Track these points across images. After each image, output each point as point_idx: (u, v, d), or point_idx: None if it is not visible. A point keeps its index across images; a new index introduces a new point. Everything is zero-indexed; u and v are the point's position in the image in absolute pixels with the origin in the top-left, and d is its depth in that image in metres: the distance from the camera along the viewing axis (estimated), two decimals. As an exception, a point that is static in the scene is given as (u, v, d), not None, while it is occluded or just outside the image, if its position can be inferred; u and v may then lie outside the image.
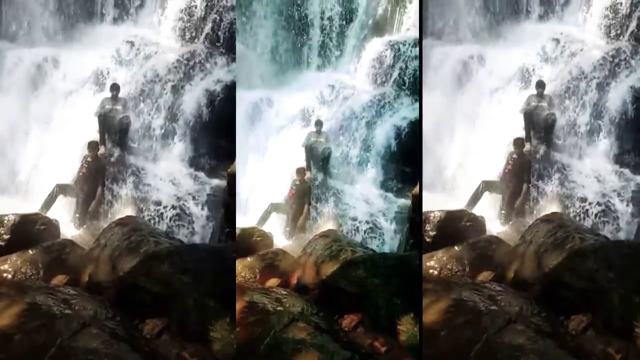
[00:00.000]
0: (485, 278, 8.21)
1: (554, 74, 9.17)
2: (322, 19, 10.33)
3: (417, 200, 8.36)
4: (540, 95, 9.07)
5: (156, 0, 9.36)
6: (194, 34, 9.23)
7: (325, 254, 8.50)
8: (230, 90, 8.87)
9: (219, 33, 9.15)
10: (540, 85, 9.06)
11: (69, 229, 8.62)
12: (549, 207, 8.80)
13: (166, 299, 7.77)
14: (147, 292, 7.80)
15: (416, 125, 9.04)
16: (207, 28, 9.17)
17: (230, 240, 8.26)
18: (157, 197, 8.75)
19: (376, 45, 10.05)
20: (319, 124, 9.61)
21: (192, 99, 9.01)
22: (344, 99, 9.83)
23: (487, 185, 8.87)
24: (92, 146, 8.80)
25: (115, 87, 8.98)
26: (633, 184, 8.78)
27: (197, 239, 8.54)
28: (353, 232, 9.15)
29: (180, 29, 9.28)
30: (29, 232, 8.35)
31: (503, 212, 8.86)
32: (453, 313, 7.83)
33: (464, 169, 8.99)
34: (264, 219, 9.22)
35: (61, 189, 8.73)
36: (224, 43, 9.11)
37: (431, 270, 8.23)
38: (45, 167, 8.94)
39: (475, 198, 8.83)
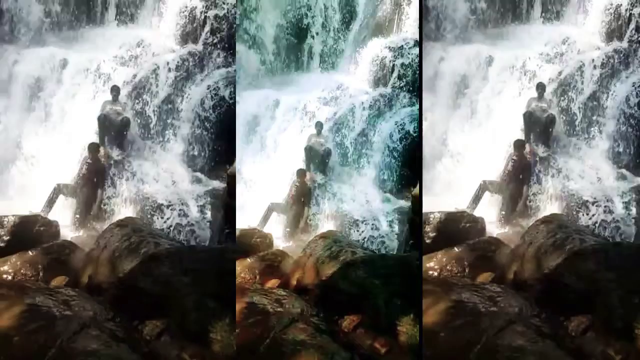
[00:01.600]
0: (485, 279, 8.21)
1: (554, 74, 9.17)
2: (322, 19, 10.34)
3: (417, 201, 8.37)
4: (540, 97, 9.07)
5: (156, 1, 9.36)
6: (194, 35, 9.23)
7: (325, 255, 8.50)
8: (230, 91, 8.88)
9: (219, 33, 9.15)
10: (541, 86, 9.06)
11: (69, 230, 8.63)
12: (549, 208, 8.80)
13: (166, 300, 7.77)
14: (147, 293, 7.79)
15: (416, 126, 9.05)
16: (207, 28, 9.18)
17: (230, 241, 8.27)
18: (157, 198, 8.75)
19: (376, 46, 10.05)
20: (319, 124, 9.61)
21: (192, 99, 9.02)
22: (344, 99, 9.83)
23: (487, 185, 8.87)
24: (92, 148, 8.80)
25: (115, 89, 8.98)
26: (633, 185, 8.79)
27: (197, 240, 8.54)
28: (353, 233, 9.15)
29: (180, 29, 9.29)
30: (29, 233, 8.34)
31: (503, 213, 8.86)
32: (453, 314, 7.83)
33: (464, 170, 8.99)
34: (265, 219, 9.21)
35: (62, 188, 8.74)
36: (224, 44, 9.12)
37: (431, 272, 8.23)
38: (45, 168, 8.94)
39: (476, 198, 8.83)
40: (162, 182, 8.87)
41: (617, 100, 9.02)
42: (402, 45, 9.91)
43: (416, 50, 9.40)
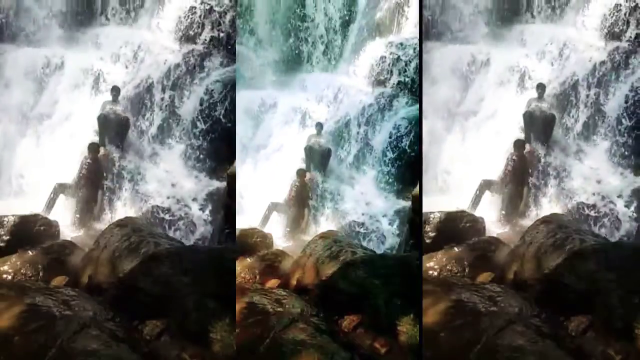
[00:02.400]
0: (485, 279, 8.21)
1: (554, 75, 9.18)
2: (322, 20, 10.34)
3: (417, 201, 8.36)
4: (540, 97, 9.08)
5: (156, 1, 9.37)
6: (193, 35, 9.24)
7: (325, 255, 8.49)
8: (230, 91, 8.87)
9: (219, 34, 9.16)
10: (541, 86, 9.07)
11: (69, 230, 8.63)
12: (549, 208, 8.80)
13: (166, 300, 7.76)
14: (147, 293, 7.78)
15: (416, 126, 9.05)
16: (207, 29, 9.18)
17: (230, 241, 8.26)
18: (156, 198, 8.75)
19: (376, 46, 10.06)
20: (319, 125, 9.62)
21: (192, 99, 9.02)
22: (344, 99, 9.84)
23: (487, 184, 8.87)
24: (92, 148, 8.81)
25: (115, 89, 8.98)
26: (633, 185, 8.78)
27: (197, 240, 8.54)
28: (353, 233, 9.15)
29: (180, 29, 9.29)
30: (29, 233, 8.34)
31: (503, 212, 8.87)
32: (453, 314, 7.82)
33: (464, 170, 8.99)
34: (265, 219, 9.21)
35: (62, 188, 8.74)
36: (224, 44, 9.12)
37: (431, 271, 8.22)
38: (45, 169, 8.94)
39: (477, 198, 8.84)
40: (162, 181, 8.87)
41: (617, 100, 9.02)
42: (403, 45, 9.92)
43: (416, 50, 9.41)
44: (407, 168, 9.31)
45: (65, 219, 8.68)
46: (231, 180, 8.50)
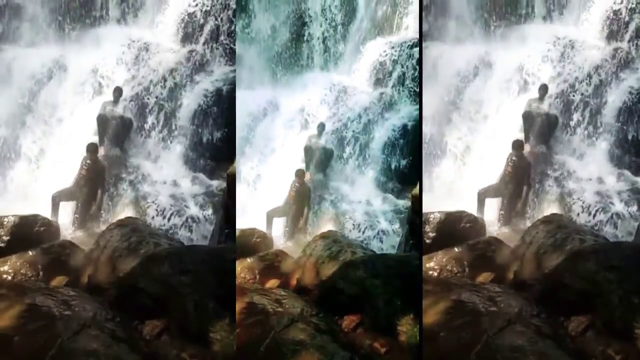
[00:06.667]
0: (485, 279, 8.21)
1: (554, 75, 9.18)
2: (322, 20, 10.34)
3: (417, 202, 8.36)
4: (540, 97, 9.08)
5: (157, 2, 9.37)
6: (194, 35, 9.24)
7: (325, 255, 8.50)
8: (230, 91, 8.88)
9: (219, 34, 9.16)
10: (541, 87, 9.07)
11: (69, 230, 8.64)
12: (549, 208, 8.80)
13: (166, 300, 7.76)
14: (147, 293, 7.78)
15: (416, 126, 9.06)
16: (207, 29, 9.19)
17: (230, 241, 8.26)
18: (156, 198, 8.75)
19: (376, 46, 10.07)
20: (320, 125, 9.62)
21: (192, 100, 9.03)
22: (344, 100, 9.84)
23: (486, 193, 8.86)
24: (92, 148, 8.81)
25: (116, 90, 8.99)
26: (633, 185, 8.78)
27: (196, 240, 8.55)
28: (353, 233, 9.15)
29: (180, 30, 9.30)
30: (29, 233, 8.35)
31: (502, 213, 8.86)
32: (453, 314, 7.81)
33: (464, 170, 9.00)
34: (269, 226, 9.22)
35: (60, 196, 8.73)
36: (224, 44, 9.12)
37: (431, 272, 8.22)
38: (45, 169, 8.95)
39: (480, 208, 8.83)
40: (162, 182, 8.87)
41: (617, 100, 9.01)
42: (403, 45, 9.92)
43: (416, 50, 9.41)
44: (407, 168, 9.31)
45: (65, 220, 8.69)
46: (231, 180, 8.50)
